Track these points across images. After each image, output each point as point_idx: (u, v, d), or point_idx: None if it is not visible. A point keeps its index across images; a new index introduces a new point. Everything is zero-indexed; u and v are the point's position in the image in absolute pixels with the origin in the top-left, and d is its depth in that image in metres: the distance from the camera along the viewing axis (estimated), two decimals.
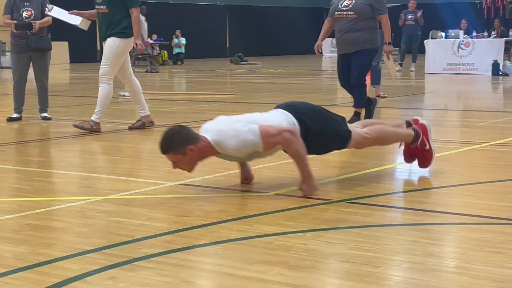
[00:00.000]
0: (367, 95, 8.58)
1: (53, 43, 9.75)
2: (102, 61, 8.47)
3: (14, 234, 4.02)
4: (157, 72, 22.47)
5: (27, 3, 9.51)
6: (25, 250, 3.67)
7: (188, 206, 4.66)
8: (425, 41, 19.55)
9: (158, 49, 28.27)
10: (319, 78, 20.31)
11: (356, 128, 5.34)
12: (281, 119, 5.00)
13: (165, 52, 28.38)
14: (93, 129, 8.25)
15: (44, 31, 9.55)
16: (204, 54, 33.17)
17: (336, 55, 8.73)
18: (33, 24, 9.37)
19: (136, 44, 8.40)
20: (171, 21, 30.48)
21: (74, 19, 8.82)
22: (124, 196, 4.98)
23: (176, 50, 29.03)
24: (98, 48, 31.16)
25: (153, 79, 19.60)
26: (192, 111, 11.32)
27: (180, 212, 4.50)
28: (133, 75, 8.69)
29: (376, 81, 12.48)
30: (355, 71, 8.28)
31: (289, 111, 5.08)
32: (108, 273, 3.32)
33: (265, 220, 4.28)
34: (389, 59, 8.23)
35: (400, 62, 20.35)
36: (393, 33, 12.74)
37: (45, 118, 9.53)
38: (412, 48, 20.33)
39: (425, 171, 5.59)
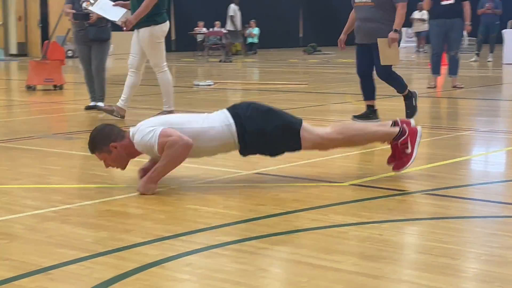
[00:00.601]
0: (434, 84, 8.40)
1: (128, 33, 9.86)
2: (148, 53, 8.46)
3: (94, 220, 4.12)
4: (230, 62, 22.59)
5: None
6: (105, 235, 3.75)
7: (263, 195, 4.69)
8: (503, 31, 19.13)
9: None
10: (394, 68, 20.09)
11: (315, 130, 5.07)
12: (215, 118, 4.94)
13: (239, 42, 28.48)
14: (115, 113, 8.50)
15: (103, 21, 9.57)
16: (278, 44, 33.20)
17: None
18: (90, 15, 9.49)
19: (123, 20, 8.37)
20: (245, 12, 30.57)
21: (114, 14, 8.83)
22: (201, 184, 5.04)
23: (249, 40, 29.12)
24: (173, 37, 31.49)
25: (226, 69, 19.73)
26: (265, 101, 11.35)
27: (256, 201, 4.53)
28: (142, 68, 8.69)
29: (453, 71, 12.28)
30: (378, 64, 8.02)
31: (230, 111, 4.99)
32: (186, 259, 3.37)
33: (340, 210, 4.28)
34: (389, 47, 7.75)
35: (477, 52, 19.97)
36: (470, 22, 12.54)
37: (99, 108, 9.47)
38: (489, 38, 19.92)
39: (501, 163, 5.48)
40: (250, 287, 3.01)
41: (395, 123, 5.17)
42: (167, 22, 8.56)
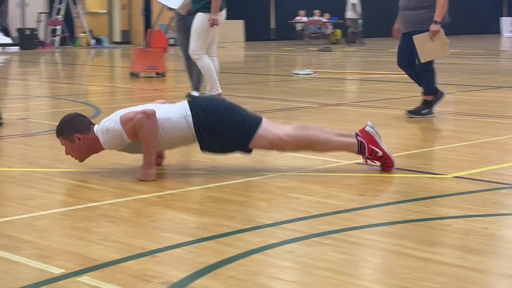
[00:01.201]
0: None
1: (228, 21, 9.94)
2: (191, 37, 8.60)
3: (198, 205, 4.19)
4: (329, 51, 22.49)
5: None
6: (208, 221, 3.82)
7: (364, 185, 4.67)
8: None
9: (331, 27, 28.26)
10: (497, 59, 19.60)
11: (274, 129, 4.97)
12: (173, 109, 4.91)
13: (339, 31, 28.33)
14: None
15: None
16: (380, 33, 32.81)
17: None
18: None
19: (210, 19, 8.43)
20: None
21: (173, 2, 8.89)
22: (301, 173, 5.05)
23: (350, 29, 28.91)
24: (272, 26, 31.59)
25: (325, 58, 19.66)
26: (365, 91, 11.28)
27: (356, 191, 4.52)
28: (215, 54, 8.77)
29: None
30: (416, 54, 7.60)
31: (190, 104, 4.95)
32: (287, 247, 3.40)
33: (443, 203, 4.22)
34: (432, 40, 7.27)
35: None
36: None
37: (191, 96, 9.63)
38: None
39: None
40: (352, 276, 3.01)
41: (356, 136, 5.02)
42: (222, 12, 8.63)
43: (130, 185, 4.65)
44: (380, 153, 4.97)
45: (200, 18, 8.52)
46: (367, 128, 5.00)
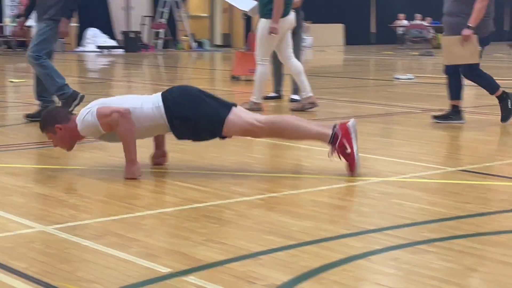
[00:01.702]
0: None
1: (328, 25, 9.90)
2: (256, 42, 8.58)
3: (300, 209, 4.20)
4: (431, 55, 22.14)
5: None
6: (310, 225, 3.82)
7: (468, 193, 4.58)
8: None
9: (432, 32, 27.84)
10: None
11: (246, 115, 5.05)
12: (147, 100, 5.06)
13: (441, 35, 27.90)
14: (254, 109, 8.31)
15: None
16: None
17: None
18: None
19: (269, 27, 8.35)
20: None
21: (245, 4, 8.81)
22: (403, 178, 5.00)
23: None
24: (372, 30, 31.35)
25: (426, 62, 19.37)
26: (467, 96, 11.04)
27: (461, 199, 4.43)
28: (291, 57, 8.67)
29: None
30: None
31: (162, 94, 5.08)
32: (391, 254, 3.37)
33: None
34: (462, 45, 7.07)
35: None
36: None
37: (291, 100, 9.64)
38: None
39: None
40: (458, 286, 2.96)
41: (334, 127, 5.00)
42: (288, 17, 8.53)
43: (232, 187, 4.70)
44: (348, 150, 4.92)
45: (262, 25, 8.53)
46: (348, 123, 4.99)
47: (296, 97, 9.61)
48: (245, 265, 3.19)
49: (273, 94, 9.98)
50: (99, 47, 23.68)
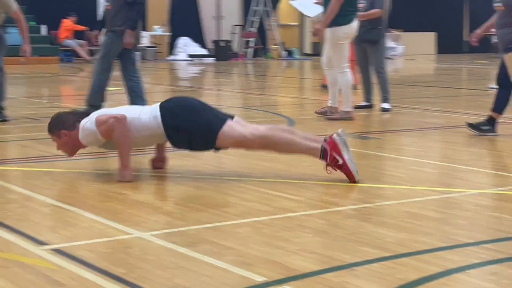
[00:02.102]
0: None
1: (419, 34, 9.79)
2: (330, 53, 8.58)
3: (394, 220, 4.15)
4: None
5: None
6: (405, 237, 3.77)
7: None
8: None
9: None
10: None
11: (240, 128, 5.14)
12: (146, 110, 5.22)
13: None
14: (345, 118, 8.44)
15: (372, 23, 9.56)
16: None
17: None
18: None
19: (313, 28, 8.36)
20: None
21: (311, 11, 8.85)
22: (500, 191, 4.88)
23: None
24: (465, 38, 30.76)
25: None
26: None
27: None
28: (346, 65, 8.55)
29: None
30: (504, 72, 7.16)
31: (161, 104, 5.22)
32: (490, 268, 3.30)
33: None
34: None
35: None
36: None
37: (384, 109, 9.55)
38: None
39: None
40: None
41: (324, 141, 5.06)
42: (351, 24, 8.47)
43: (325, 197, 4.69)
44: (340, 162, 4.98)
45: (328, 35, 8.53)
46: (333, 136, 5.04)
47: (386, 105, 9.53)
48: (340, 276, 3.17)
49: (364, 103, 9.93)
50: (190, 55, 24.02)
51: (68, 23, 22.30)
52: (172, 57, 24.33)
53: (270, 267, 3.29)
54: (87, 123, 5.15)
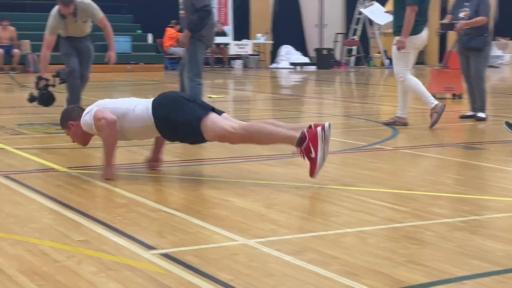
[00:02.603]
0: None
1: None
2: (393, 60, 8.75)
3: (505, 233, 4.04)
4: None
5: (467, 3, 9.49)
6: None
7: None
8: None
9: None
10: None
11: (222, 122, 5.31)
12: (141, 103, 5.49)
13: None
14: (397, 124, 8.66)
15: (477, 30, 9.39)
16: None
17: None
18: (455, 25, 9.41)
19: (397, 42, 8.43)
20: None
21: (381, 18, 9.03)
22: None
23: None
24: None
25: None
26: None
27: None
28: (406, 73, 8.57)
29: None
30: None
31: (153, 99, 5.49)
32: None
33: None
34: None
35: None
36: None
37: (478, 119, 9.41)
38: None
39: None
40: None
41: (309, 127, 5.15)
42: (420, 35, 8.54)
43: (432, 208, 4.61)
44: (313, 155, 5.08)
45: (395, 41, 8.60)
46: (318, 128, 5.08)
47: (482, 115, 9.40)
48: None
49: (470, 113, 9.73)
50: (292, 64, 24.09)
51: (171, 32, 22.74)
52: (274, 65, 24.47)
53: (376, 278, 3.25)
54: (87, 114, 5.54)
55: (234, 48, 23.67)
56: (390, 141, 7.61)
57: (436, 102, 8.66)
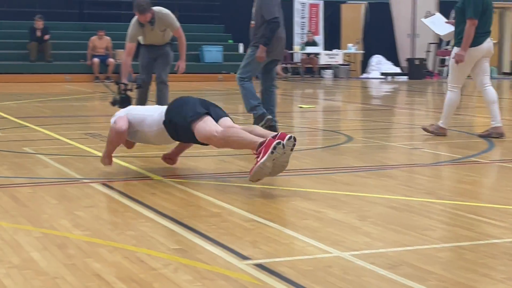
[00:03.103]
0: None
1: None
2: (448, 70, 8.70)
3: None
4: None
5: None
6: None
7: None
8: None
9: None
10: None
11: (211, 125, 5.62)
12: (157, 109, 6.05)
13: None
14: (437, 133, 8.63)
15: None
16: None
17: None
18: None
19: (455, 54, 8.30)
20: None
21: (442, 29, 8.91)
22: None
23: None
24: None
25: None
26: None
27: None
28: (487, 84, 8.49)
29: None
30: None
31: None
32: None
33: None
34: None
35: None
36: None
37: None
38: None
39: None
40: None
41: (274, 136, 5.35)
42: (481, 46, 8.37)
43: None
44: (258, 160, 5.26)
45: (453, 51, 8.48)
46: (276, 141, 5.22)
47: None
48: None
49: None
50: (383, 74, 23.87)
51: None
52: (364, 75, 24.29)
53: None
54: (112, 118, 6.12)
55: (325, 58, 23.61)
56: (486, 154, 7.44)
57: (445, 126, 8.73)
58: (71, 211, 4.76)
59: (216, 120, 5.70)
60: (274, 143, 5.21)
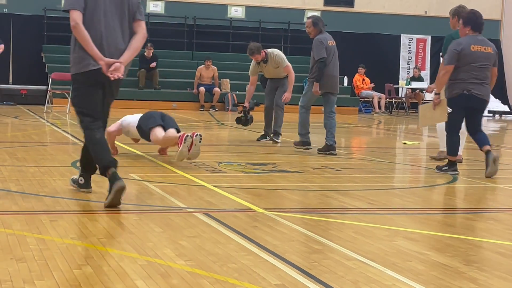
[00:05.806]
0: None
1: None
2: None
3: None
4: None
5: None
6: None
7: None
8: None
9: None
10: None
11: (158, 133, 8.55)
12: (137, 118, 8.91)
13: None
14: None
15: None
16: None
17: None
18: None
19: None
20: None
21: None
22: None
23: None
24: None
25: None
26: None
27: None
28: None
29: None
30: None
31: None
32: None
33: None
34: (433, 109, 8.87)
35: None
36: None
37: None
38: None
39: None
40: None
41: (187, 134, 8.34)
42: None
43: None
44: (178, 147, 8.38)
45: None
46: (187, 136, 8.24)
47: None
48: None
49: None
50: (490, 111, 23.35)
51: (360, 76, 23.05)
52: None
53: None
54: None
55: (430, 93, 23.29)
56: None
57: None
58: (175, 240, 4.84)
59: (166, 129, 8.52)
60: (185, 136, 8.17)
